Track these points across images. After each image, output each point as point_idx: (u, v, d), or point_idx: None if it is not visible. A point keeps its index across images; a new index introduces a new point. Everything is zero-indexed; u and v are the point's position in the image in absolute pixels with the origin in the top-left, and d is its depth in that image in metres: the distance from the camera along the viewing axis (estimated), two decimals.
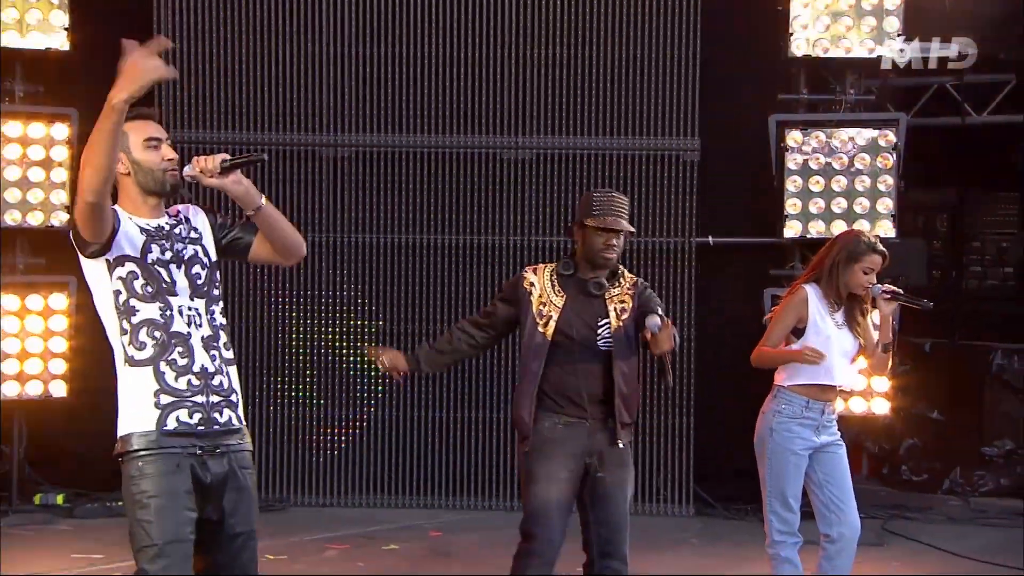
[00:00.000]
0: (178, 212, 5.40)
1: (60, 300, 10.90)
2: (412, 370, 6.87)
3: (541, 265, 6.95)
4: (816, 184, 10.28)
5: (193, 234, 5.39)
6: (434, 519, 10.85)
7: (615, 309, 6.65)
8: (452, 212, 11.29)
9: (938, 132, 12.19)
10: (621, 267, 6.71)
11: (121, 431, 5.14)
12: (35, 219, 10.50)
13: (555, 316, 6.63)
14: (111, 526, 10.32)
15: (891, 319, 7.57)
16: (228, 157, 5.19)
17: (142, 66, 4.82)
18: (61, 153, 10.43)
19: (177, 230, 5.35)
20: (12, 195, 10.29)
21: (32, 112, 10.51)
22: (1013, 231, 13.08)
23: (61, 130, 10.45)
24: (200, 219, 5.44)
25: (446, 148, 11.27)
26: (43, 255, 11.03)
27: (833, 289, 7.21)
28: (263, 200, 5.32)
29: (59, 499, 11.11)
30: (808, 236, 10.30)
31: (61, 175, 10.48)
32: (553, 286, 6.74)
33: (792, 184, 10.40)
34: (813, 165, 10.32)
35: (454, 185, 11.33)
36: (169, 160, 5.20)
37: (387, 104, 11.36)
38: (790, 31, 10.29)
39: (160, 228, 5.28)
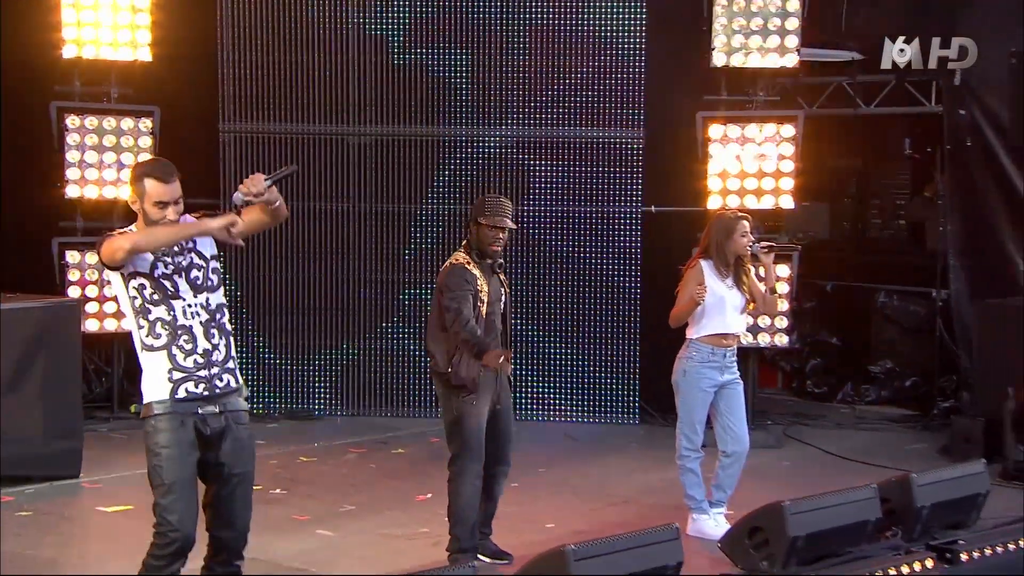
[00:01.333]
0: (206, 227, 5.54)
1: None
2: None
3: (462, 256, 7.27)
4: (732, 166, 10.59)
5: (189, 243, 5.58)
6: (435, 427, 10.26)
7: (504, 289, 7.27)
8: (446, 187, 11.47)
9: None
10: None
11: (145, 399, 5.46)
12: (126, 194, 10.69)
13: (485, 299, 7.09)
14: None
15: (773, 266, 8.08)
16: (266, 176, 5.43)
17: (232, 229, 5.32)
18: (146, 141, 10.76)
19: (176, 246, 5.60)
20: (109, 174, 10.61)
21: (124, 109, 10.80)
22: (907, 191, 13.23)
23: (146, 123, 10.78)
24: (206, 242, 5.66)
25: (442, 137, 11.44)
26: (133, 221, 11.12)
27: (722, 261, 7.66)
28: (280, 199, 5.55)
29: None
30: (727, 207, 10.35)
31: (147, 159, 10.66)
32: (481, 275, 7.16)
33: (713, 166, 10.64)
34: (730, 151, 10.63)
35: (449, 166, 11.47)
36: (167, 221, 5.41)
37: (399, 100, 11.33)
38: (712, 46, 10.55)
39: (182, 254, 5.52)
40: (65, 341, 9.42)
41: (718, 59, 10.66)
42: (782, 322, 10.75)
